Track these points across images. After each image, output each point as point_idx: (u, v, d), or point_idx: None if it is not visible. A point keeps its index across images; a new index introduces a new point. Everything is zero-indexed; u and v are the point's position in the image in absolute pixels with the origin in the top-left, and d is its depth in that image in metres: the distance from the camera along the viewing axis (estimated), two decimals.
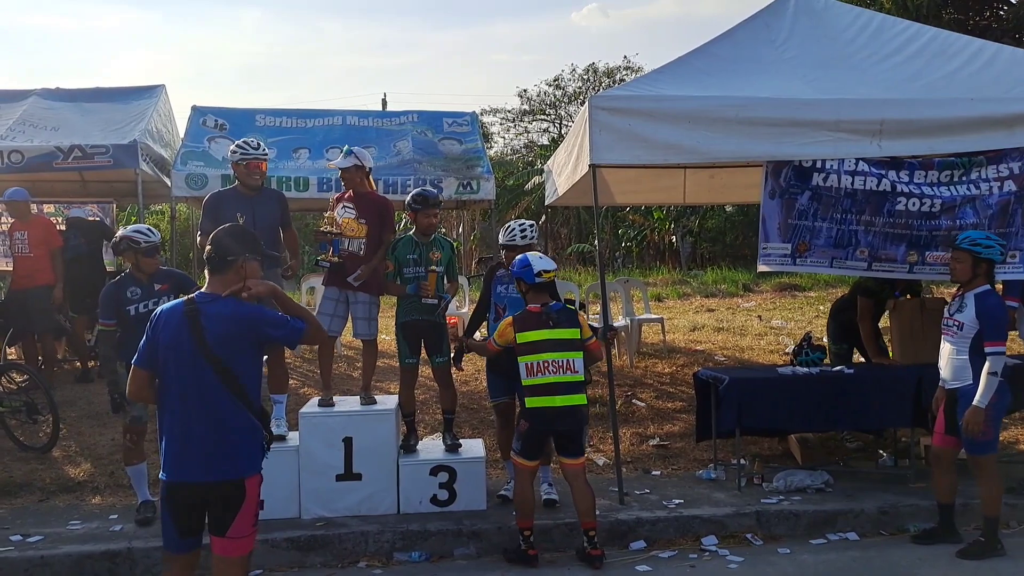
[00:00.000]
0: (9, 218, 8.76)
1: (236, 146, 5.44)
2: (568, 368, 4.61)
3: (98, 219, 9.63)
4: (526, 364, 4.62)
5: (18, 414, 6.53)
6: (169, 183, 8.92)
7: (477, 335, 5.64)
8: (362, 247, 5.46)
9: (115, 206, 11.03)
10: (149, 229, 5.02)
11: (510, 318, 4.76)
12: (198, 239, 5.38)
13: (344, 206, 5.43)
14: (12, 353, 8.21)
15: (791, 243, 5.56)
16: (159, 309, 3.31)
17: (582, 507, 4.66)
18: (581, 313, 4.90)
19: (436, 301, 5.37)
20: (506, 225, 5.36)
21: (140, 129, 8.68)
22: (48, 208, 10.43)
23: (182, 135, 9.77)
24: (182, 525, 3.25)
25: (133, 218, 15.28)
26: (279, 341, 3.34)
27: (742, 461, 5.85)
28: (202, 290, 3.32)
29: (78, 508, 5.45)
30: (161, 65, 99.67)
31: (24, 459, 6.26)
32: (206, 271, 3.35)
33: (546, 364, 4.59)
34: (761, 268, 5.63)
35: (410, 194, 5.55)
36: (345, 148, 5.64)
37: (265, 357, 4.37)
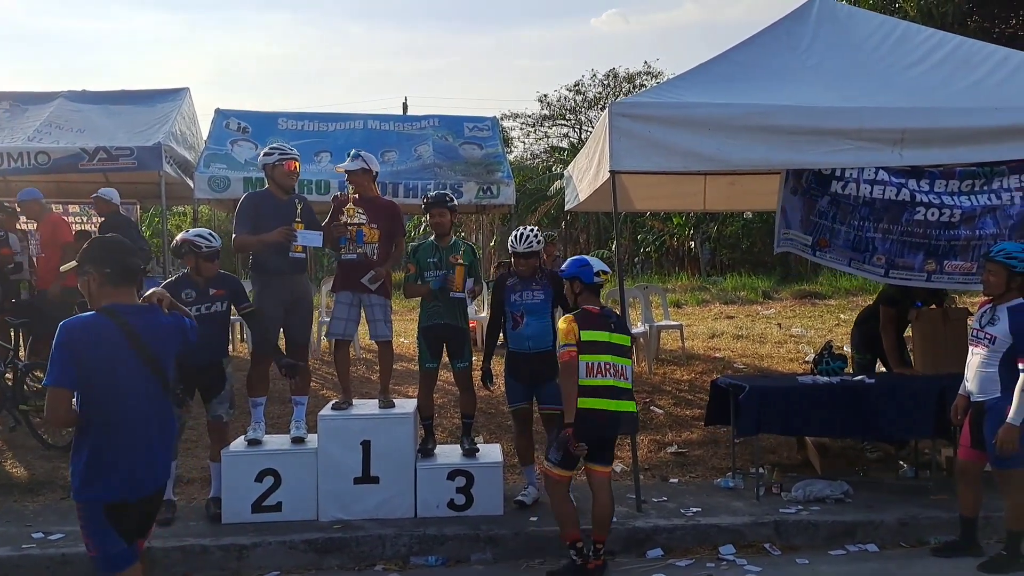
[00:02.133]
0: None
1: (271, 148, 5.46)
2: (622, 374, 4.52)
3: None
4: (587, 363, 4.46)
5: (42, 412, 6.60)
6: (192, 185, 9.01)
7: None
8: (375, 251, 5.51)
9: (138, 207, 11.19)
10: (211, 234, 5.07)
11: (570, 316, 4.61)
12: (235, 239, 5.41)
13: (359, 214, 5.45)
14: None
15: (812, 236, 5.57)
16: (73, 328, 3.05)
17: (600, 518, 4.58)
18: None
19: (463, 295, 5.36)
20: (518, 232, 5.30)
21: (164, 132, 8.77)
22: (73, 208, 10.58)
23: (205, 137, 9.87)
24: (131, 535, 3.18)
25: (156, 220, 15.47)
26: (192, 345, 3.44)
27: (761, 470, 5.82)
28: (115, 302, 3.17)
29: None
30: (186, 67, 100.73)
31: (47, 457, 6.33)
32: (104, 286, 3.19)
33: (606, 366, 4.47)
34: (779, 249, 5.62)
35: (424, 198, 5.63)
36: (352, 152, 5.69)
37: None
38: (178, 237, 5.16)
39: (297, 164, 5.45)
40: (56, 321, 3.18)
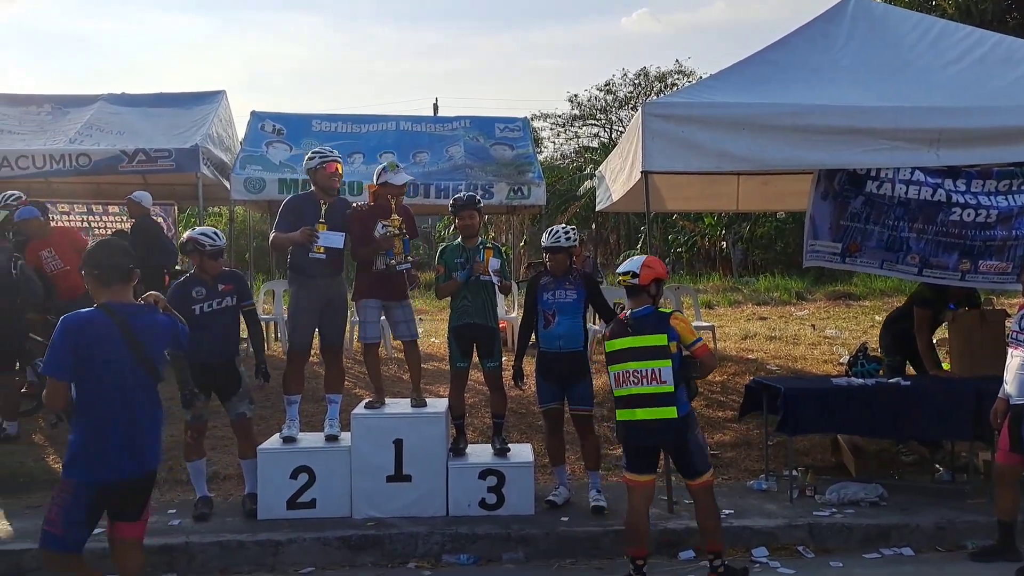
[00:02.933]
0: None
1: (313, 152, 5.54)
2: (652, 378, 4.30)
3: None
4: (613, 375, 4.43)
5: None
6: (228, 186, 9.14)
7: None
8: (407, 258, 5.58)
9: (176, 208, 11.37)
10: (215, 233, 5.18)
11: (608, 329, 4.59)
12: (272, 237, 5.50)
13: (383, 224, 5.45)
14: None
15: (842, 243, 5.52)
16: (71, 321, 3.39)
17: (704, 526, 4.42)
18: (680, 316, 4.44)
19: (491, 278, 5.37)
20: (550, 229, 5.37)
21: (202, 134, 8.91)
22: (113, 208, 10.79)
23: (241, 139, 10.01)
24: (94, 521, 3.48)
25: (193, 220, 15.71)
26: (183, 345, 3.75)
27: (794, 472, 5.77)
28: (111, 300, 3.52)
29: None
30: (220, 70, 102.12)
31: None
32: (103, 284, 3.53)
33: (627, 375, 4.35)
34: (808, 263, 5.59)
35: (451, 200, 5.68)
36: (391, 160, 5.72)
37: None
38: (185, 235, 5.28)
39: (339, 166, 5.51)
40: None
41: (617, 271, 4.67)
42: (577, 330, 5.25)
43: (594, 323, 9.22)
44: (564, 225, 5.38)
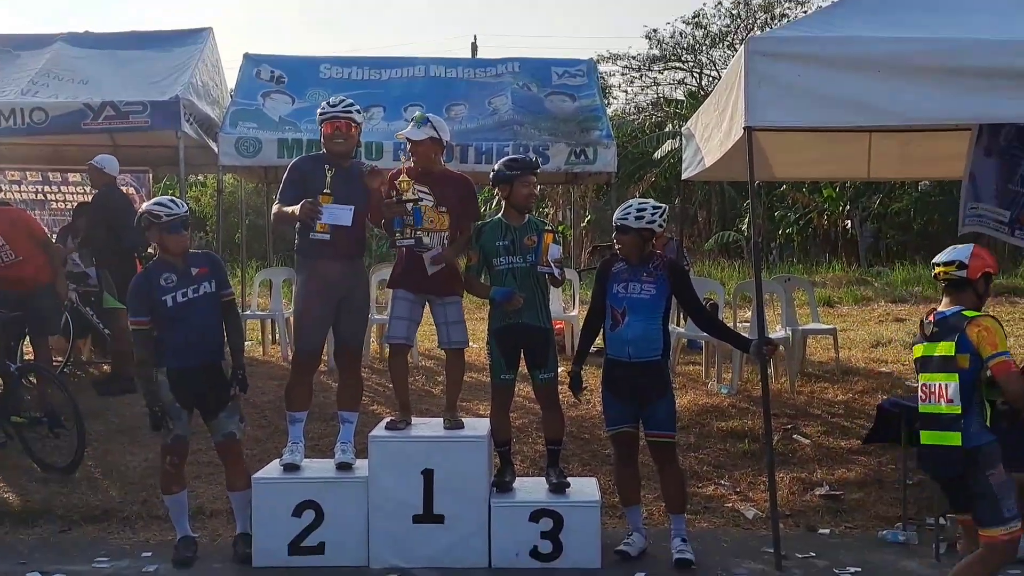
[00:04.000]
0: None
1: (320, 107, 5.63)
2: (939, 395, 4.32)
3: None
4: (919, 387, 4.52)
5: (38, 427, 6.93)
6: (216, 148, 9.28)
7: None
8: (444, 241, 5.57)
9: (151, 176, 11.57)
10: (172, 200, 5.24)
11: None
12: (274, 210, 5.57)
13: (418, 190, 5.49)
14: (29, 353, 8.69)
15: (1011, 211, 5.41)
16: None
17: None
18: (986, 323, 4.28)
19: (551, 269, 5.30)
20: (625, 204, 5.33)
21: (183, 83, 9.01)
22: (74, 177, 11.04)
23: (232, 90, 10.13)
24: None
25: (173, 191, 15.97)
26: None
27: (941, 520, 5.67)
28: None
29: (105, 542, 5.75)
30: (206, 3, 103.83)
31: (44, 480, 6.64)
32: None
33: (922, 388, 4.43)
34: (966, 229, 5.47)
35: (499, 162, 5.59)
36: (418, 115, 5.69)
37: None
38: (139, 208, 5.34)
39: (345, 124, 5.51)
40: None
41: (934, 261, 4.58)
42: (654, 334, 5.21)
43: (680, 324, 9.17)
44: (648, 200, 5.31)
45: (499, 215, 5.61)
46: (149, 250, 8.88)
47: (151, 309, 5.15)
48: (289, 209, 5.42)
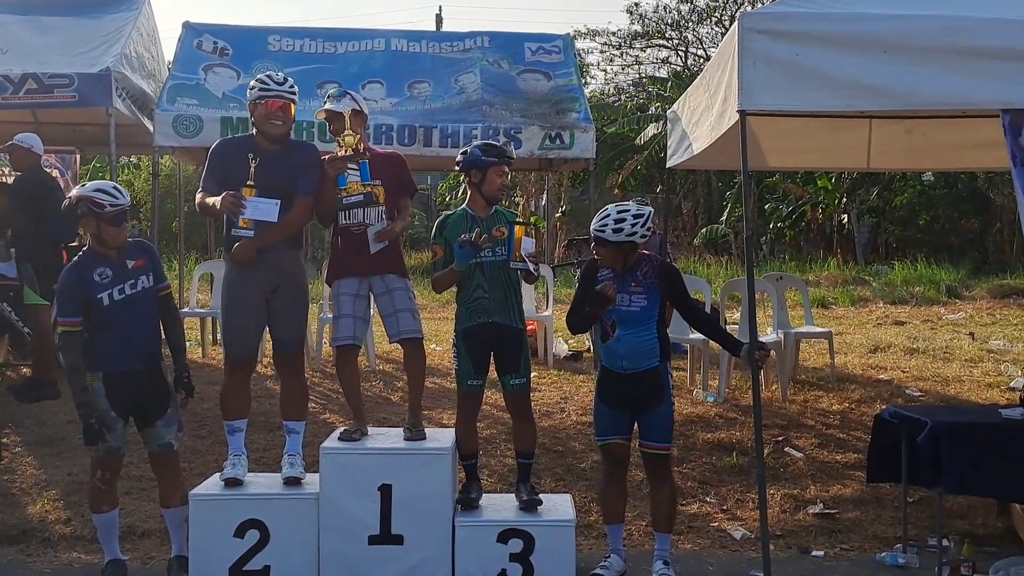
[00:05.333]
0: None
1: (256, 80, 5.56)
2: None
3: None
4: None
5: None
6: (151, 127, 9.18)
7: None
8: (382, 216, 5.57)
9: (78, 157, 11.45)
10: (116, 187, 5.14)
11: None
12: (197, 199, 5.51)
13: (348, 168, 5.48)
14: None
15: None
16: None
17: None
18: None
19: (525, 264, 5.28)
20: (603, 211, 5.24)
21: (115, 54, 8.94)
22: None
23: (169, 62, 10.03)
24: None
25: (102, 174, 15.82)
26: None
27: (944, 542, 5.72)
28: None
29: (24, 567, 5.65)
30: None
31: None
32: None
33: None
34: None
35: (472, 145, 5.59)
36: (335, 89, 5.74)
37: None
38: (71, 194, 5.21)
39: (289, 106, 5.47)
40: None
41: None
42: (648, 344, 5.21)
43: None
44: (626, 205, 5.23)
45: (463, 205, 5.59)
46: (75, 242, 8.80)
47: (84, 308, 5.07)
48: (211, 200, 5.37)
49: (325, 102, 5.70)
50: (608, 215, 5.18)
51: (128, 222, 5.21)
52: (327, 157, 5.51)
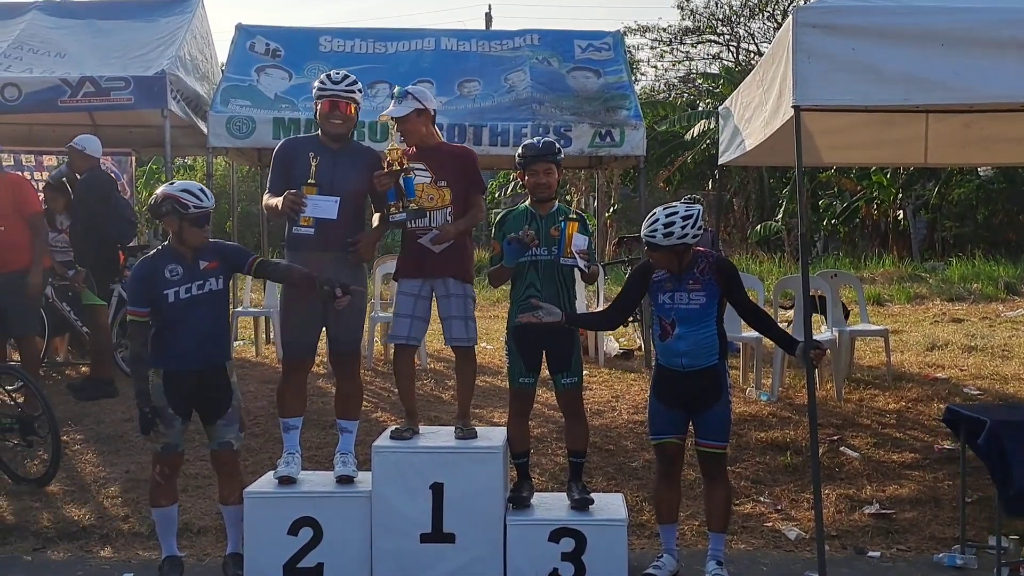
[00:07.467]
0: None
1: (317, 80, 5.61)
2: None
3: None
4: None
5: (9, 434, 6.93)
6: (205, 129, 9.29)
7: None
8: (448, 219, 5.55)
9: (134, 159, 11.59)
10: (201, 189, 5.19)
11: None
12: (263, 200, 5.56)
13: (413, 168, 5.48)
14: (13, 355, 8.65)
15: None
16: None
17: None
18: None
19: (575, 261, 5.24)
20: (652, 214, 5.19)
21: (170, 56, 9.04)
22: (49, 160, 11.06)
23: (223, 64, 10.13)
24: None
25: (158, 176, 16.00)
26: None
27: (1004, 543, 5.63)
28: None
29: (83, 562, 5.73)
30: None
31: (16, 494, 6.64)
32: None
33: None
34: None
35: (521, 145, 5.61)
36: (397, 90, 5.67)
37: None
38: (158, 191, 5.27)
39: (345, 104, 5.51)
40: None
41: None
42: (708, 342, 5.18)
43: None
44: (673, 207, 5.16)
45: (524, 203, 5.61)
46: (133, 243, 8.91)
47: (151, 301, 5.13)
48: (274, 201, 5.44)
49: (390, 103, 5.68)
50: (657, 219, 5.12)
51: (209, 224, 5.27)
52: (376, 173, 5.47)
